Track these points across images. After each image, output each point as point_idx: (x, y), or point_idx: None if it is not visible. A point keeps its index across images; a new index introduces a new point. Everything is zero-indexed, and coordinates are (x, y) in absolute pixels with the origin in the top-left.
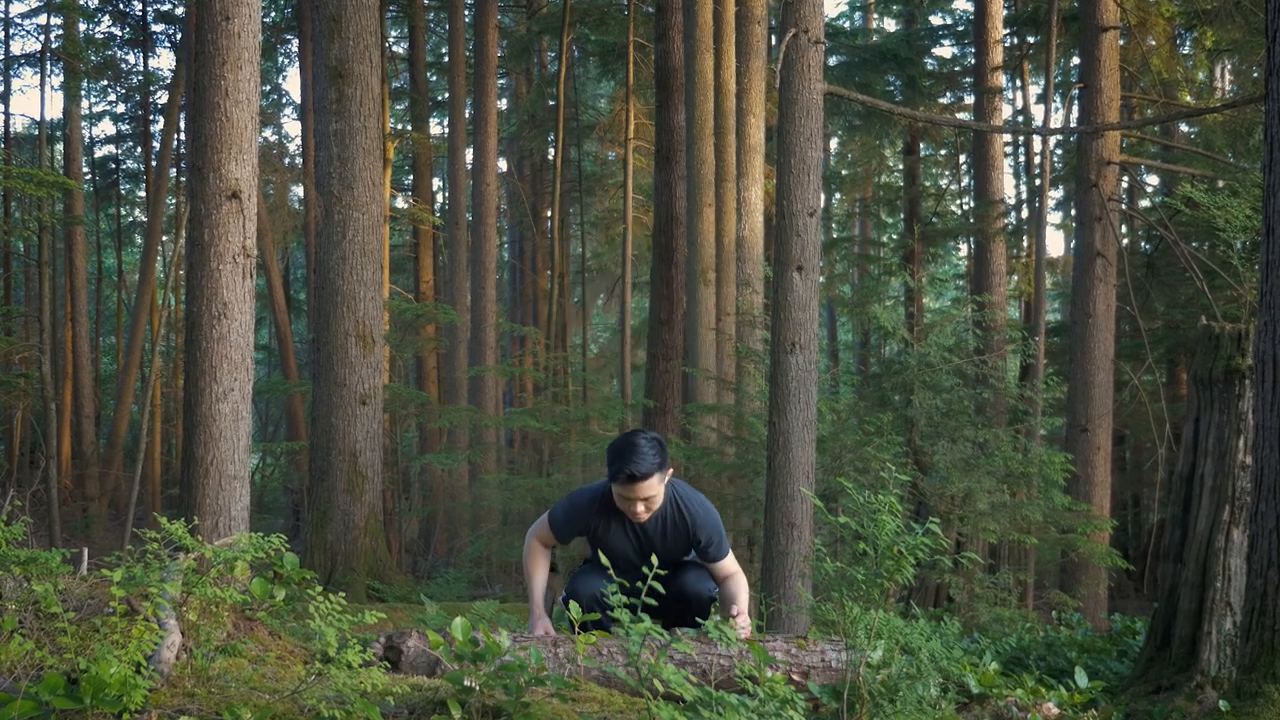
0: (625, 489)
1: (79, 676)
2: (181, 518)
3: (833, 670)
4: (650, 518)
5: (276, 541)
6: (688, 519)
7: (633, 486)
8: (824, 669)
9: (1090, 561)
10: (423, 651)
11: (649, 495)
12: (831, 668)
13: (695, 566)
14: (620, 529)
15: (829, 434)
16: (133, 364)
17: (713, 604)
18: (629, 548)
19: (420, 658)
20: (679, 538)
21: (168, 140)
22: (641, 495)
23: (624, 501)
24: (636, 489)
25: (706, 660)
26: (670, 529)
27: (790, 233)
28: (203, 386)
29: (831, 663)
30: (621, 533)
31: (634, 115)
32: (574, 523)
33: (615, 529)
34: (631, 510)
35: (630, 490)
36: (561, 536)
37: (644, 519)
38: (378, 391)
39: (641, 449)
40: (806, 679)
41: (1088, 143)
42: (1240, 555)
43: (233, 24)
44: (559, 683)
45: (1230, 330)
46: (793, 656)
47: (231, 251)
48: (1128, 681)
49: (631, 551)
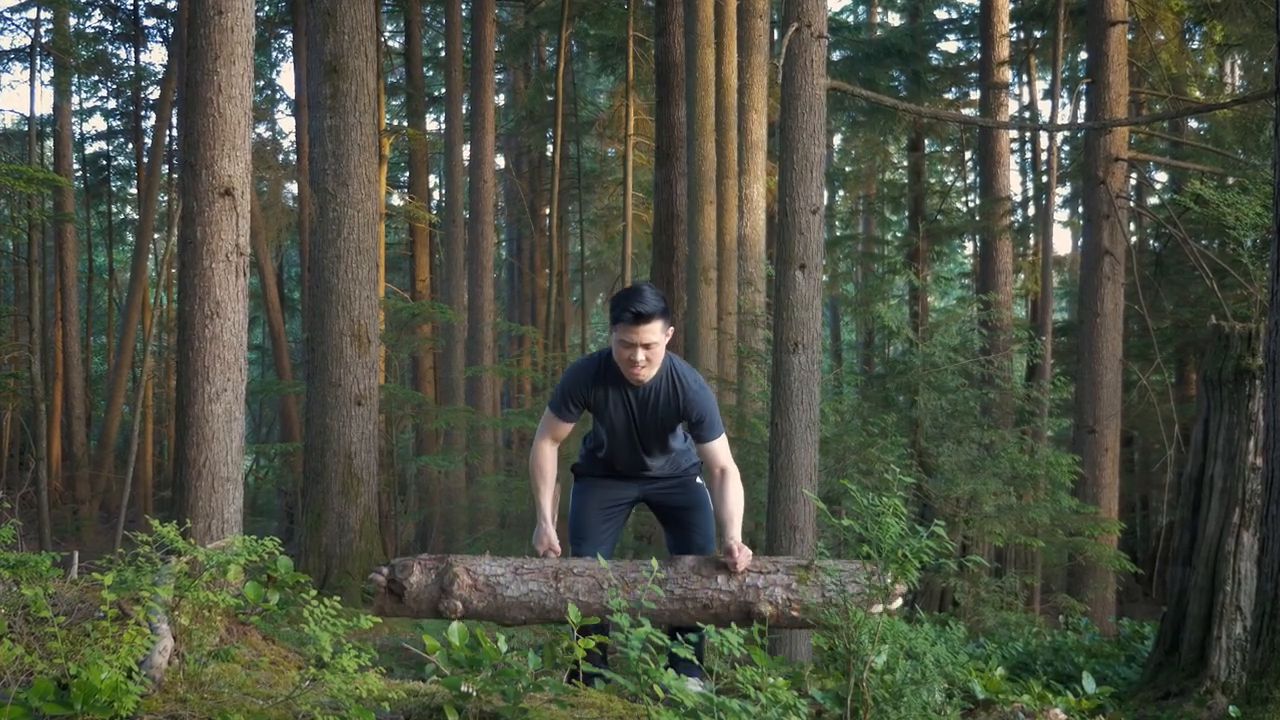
0: (628, 332)
1: (69, 682)
2: (174, 520)
3: (834, 607)
4: (646, 385)
5: (270, 545)
6: (680, 391)
7: (636, 329)
8: (825, 605)
9: (1098, 565)
10: (426, 586)
11: (651, 341)
12: (832, 603)
13: (707, 523)
14: (618, 397)
15: (832, 435)
16: (124, 364)
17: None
18: (624, 418)
19: (424, 592)
20: (670, 410)
21: (159, 136)
22: (644, 340)
23: (624, 350)
24: (640, 331)
25: (706, 594)
26: (664, 400)
27: (793, 230)
28: (195, 387)
29: (832, 598)
30: (620, 402)
31: (634, 111)
32: (575, 391)
33: (614, 398)
34: (631, 360)
35: (633, 333)
36: (565, 411)
37: (641, 374)
38: (373, 392)
39: (646, 293)
40: (806, 613)
41: (1095, 139)
42: (1250, 558)
43: (226, 18)
44: (557, 688)
45: (1240, 330)
46: (792, 593)
47: (224, 249)
48: (1136, 687)
49: (627, 422)
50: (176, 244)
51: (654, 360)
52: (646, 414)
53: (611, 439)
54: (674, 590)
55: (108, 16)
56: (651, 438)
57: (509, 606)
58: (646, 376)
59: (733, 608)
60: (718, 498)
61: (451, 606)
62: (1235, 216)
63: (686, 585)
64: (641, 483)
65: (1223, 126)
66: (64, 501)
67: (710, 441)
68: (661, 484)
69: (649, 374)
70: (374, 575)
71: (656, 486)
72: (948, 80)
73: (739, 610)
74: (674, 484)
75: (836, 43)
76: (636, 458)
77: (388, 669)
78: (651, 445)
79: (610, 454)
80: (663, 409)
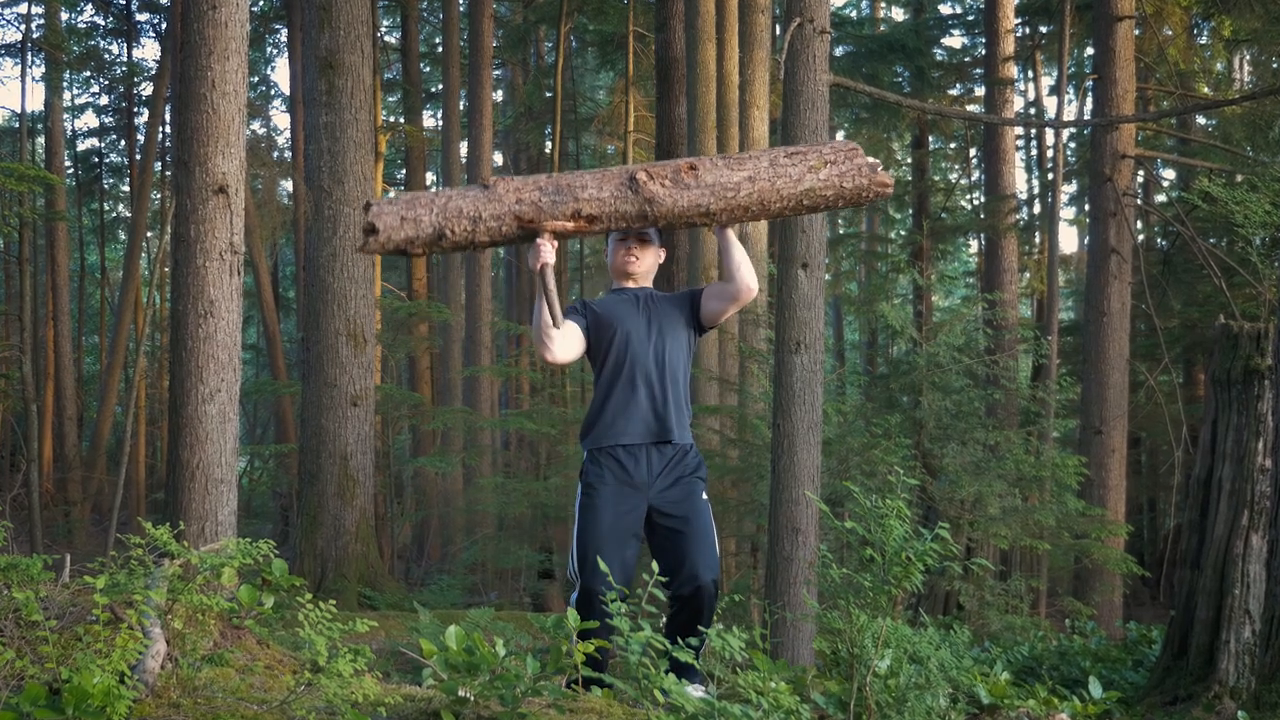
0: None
1: (61, 687)
2: (167, 522)
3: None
4: (643, 293)
5: (265, 547)
6: (673, 292)
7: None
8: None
9: (1105, 568)
10: (401, 220)
11: (646, 240)
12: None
13: (706, 546)
14: (627, 303)
15: (835, 436)
16: (116, 364)
17: (718, 595)
18: (634, 319)
19: (397, 231)
20: (672, 304)
21: (152, 133)
22: (640, 238)
23: (621, 247)
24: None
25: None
26: (661, 300)
27: (795, 229)
28: (189, 387)
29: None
30: (629, 302)
31: (634, 107)
32: (582, 302)
33: (622, 307)
34: (628, 255)
35: (631, 234)
36: (572, 313)
37: (636, 267)
38: (369, 392)
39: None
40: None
41: (1102, 136)
42: (1259, 561)
43: (220, 13)
44: (556, 693)
45: (1249, 329)
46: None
47: (218, 248)
48: (1143, 692)
49: (638, 324)
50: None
51: (646, 257)
52: (653, 313)
53: (624, 365)
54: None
55: (100, 11)
56: (665, 348)
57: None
58: (640, 269)
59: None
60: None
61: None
62: (1244, 214)
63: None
64: (650, 481)
65: (1231, 123)
66: (55, 504)
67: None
68: (668, 485)
69: (641, 267)
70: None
71: (663, 490)
72: (952, 76)
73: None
74: (679, 488)
75: (839, 38)
76: (650, 394)
77: (384, 673)
78: (665, 360)
79: (622, 398)
80: (666, 304)
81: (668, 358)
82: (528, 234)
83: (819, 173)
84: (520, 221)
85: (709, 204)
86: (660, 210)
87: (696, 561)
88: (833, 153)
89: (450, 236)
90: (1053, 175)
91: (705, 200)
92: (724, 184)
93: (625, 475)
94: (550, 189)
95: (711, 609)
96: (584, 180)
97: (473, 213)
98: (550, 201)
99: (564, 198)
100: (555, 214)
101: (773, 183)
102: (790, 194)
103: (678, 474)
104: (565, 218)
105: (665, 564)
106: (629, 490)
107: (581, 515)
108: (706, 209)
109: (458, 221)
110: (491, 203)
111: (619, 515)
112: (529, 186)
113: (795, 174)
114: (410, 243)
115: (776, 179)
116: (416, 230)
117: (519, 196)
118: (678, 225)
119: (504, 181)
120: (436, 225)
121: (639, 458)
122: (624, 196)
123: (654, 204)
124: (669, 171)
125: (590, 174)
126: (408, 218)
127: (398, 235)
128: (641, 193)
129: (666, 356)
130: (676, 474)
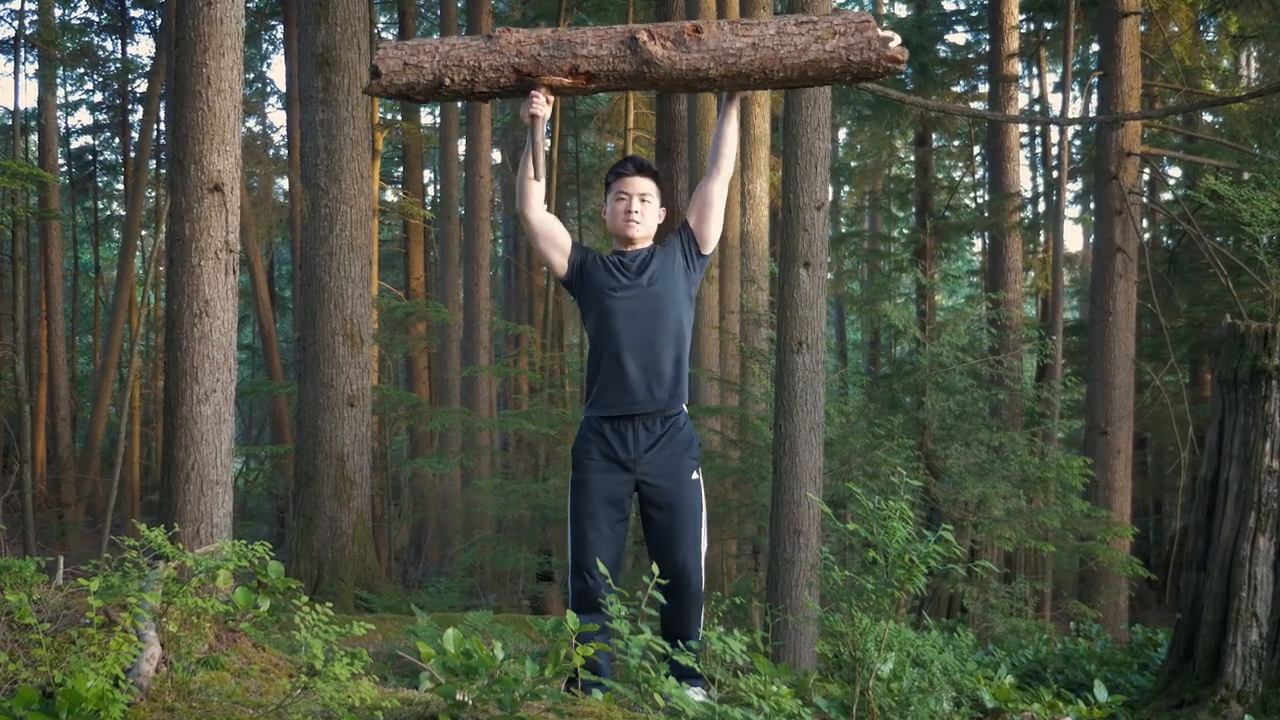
0: (626, 183)
1: (54, 690)
2: (161, 524)
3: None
4: (641, 260)
5: (260, 549)
6: (665, 243)
7: (633, 179)
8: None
9: (1110, 570)
10: (404, 65)
11: (645, 193)
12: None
13: (690, 529)
14: (623, 267)
15: (837, 437)
16: (110, 364)
17: (703, 578)
18: (627, 282)
19: (399, 76)
20: (667, 254)
21: (147, 131)
22: (639, 190)
23: (620, 202)
24: (636, 181)
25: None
26: (659, 254)
27: (797, 227)
28: (183, 388)
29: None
30: (624, 270)
31: (633, 104)
32: (580, 245)
33: (618, 267)
34: (627, 209)
35: (630, 183)
36: (574, 246)
37: (635, 226)
38: (366, 393)
39: (640, 157)
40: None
41: (1107, 133)
42: (1266, 563)
43: (215, 9)
44: (555, 696)
45: (1256, 329)
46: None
47: (213, 247)
48: (1149, 696)
49: (629, 285)
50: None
51: (647, 217)
52: (648, 273)
53: (611, 337)
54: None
55: (94, 8)
56: (660, 309)
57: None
58: (639, 229)
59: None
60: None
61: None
62: (1251, 212)
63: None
64: (638, 458)
65: (1238, 120)
66: (49, 505)
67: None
68: (657, 464)
69: (642, 230)
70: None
71: (651, 468)
72: (956, 73)
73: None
74: (669, 467)
75: None
76: (640, 364)
77: (381, 677)
78: (657, 326)
79: (611, 369)
80: (661, 259)
81: (662, 322)
82: (525, 87)
83: (825, 44)
84: (519, 74)
85: (708, 69)
86: (658, 72)
87: (679, 545)
88: (844, 24)
89: (449, 85)
90: (1057, 173)
91: (705, 64)
92: (725, 49)
93: (611, 451)
94: (551, 43)
95: (698, 593)
96: (585, 36)
97: (472, 62)
98: (549, 55)
99: (563, 52)
100: (553, 68)
101: (776, 51)
102: (794, 64)
103: (667, 452)
104: (563, 73)
105: (649, 544)
106: (616, 467)
107: (572, 492)
108: (705, 74)
109: (457, 70)
110: (492, 54)
111: (607, 490)
112: (531, 40)
113: (800, 43)
114: (411, 88)
115: (780, 47)
116: (418, 76)
117: (520, 49)
118: (676, 89)
119: (508, 33)
120: (437, 72)
121: (624, 434)
122: (622, 55)
123: (652, 65)
124: (672, 33)
125: (593, 30)
126: (410, 63)
127: (400, 80)
128: (640, 53)
129: (661, 321)
130: (666, 452)
